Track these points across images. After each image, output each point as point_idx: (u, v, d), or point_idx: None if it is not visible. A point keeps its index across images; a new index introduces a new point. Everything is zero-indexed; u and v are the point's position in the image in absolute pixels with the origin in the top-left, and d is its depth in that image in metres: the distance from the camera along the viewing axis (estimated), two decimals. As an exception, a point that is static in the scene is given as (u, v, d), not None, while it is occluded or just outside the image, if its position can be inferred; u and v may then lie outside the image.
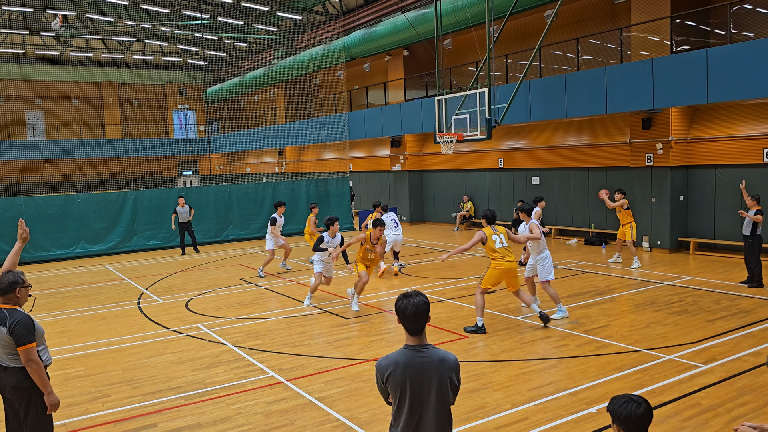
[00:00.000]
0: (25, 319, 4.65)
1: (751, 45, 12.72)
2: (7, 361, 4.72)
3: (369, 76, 29.20)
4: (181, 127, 47.60)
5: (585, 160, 18.48)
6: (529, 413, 6.22)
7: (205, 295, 12.71)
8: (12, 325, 4.59)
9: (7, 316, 4.64)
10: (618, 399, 3.21)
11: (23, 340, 4.59)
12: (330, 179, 23.76)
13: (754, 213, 11.23)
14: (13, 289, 4.72)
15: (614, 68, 15.35)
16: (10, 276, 4.74)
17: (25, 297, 4.81)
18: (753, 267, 11.54)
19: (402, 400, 3.43)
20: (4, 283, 4.70)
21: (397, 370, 3.40)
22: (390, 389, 3.46)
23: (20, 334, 4.58)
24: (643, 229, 16.42)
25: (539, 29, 17.91)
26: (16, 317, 4.64)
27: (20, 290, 4.76)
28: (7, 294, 4.71)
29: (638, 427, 3.13)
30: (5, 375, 4.74)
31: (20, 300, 4.77)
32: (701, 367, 7.38)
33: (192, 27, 36.32)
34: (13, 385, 4.72)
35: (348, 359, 8.13)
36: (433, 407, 3.43)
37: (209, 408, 6.64)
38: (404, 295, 3.49)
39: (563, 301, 10.84)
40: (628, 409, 3.13)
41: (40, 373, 4.68)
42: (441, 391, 3.44)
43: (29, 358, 4.63)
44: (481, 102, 15.41)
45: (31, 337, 4.63)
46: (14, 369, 4.71)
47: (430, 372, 3.41)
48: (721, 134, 15.24)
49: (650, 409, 3.16)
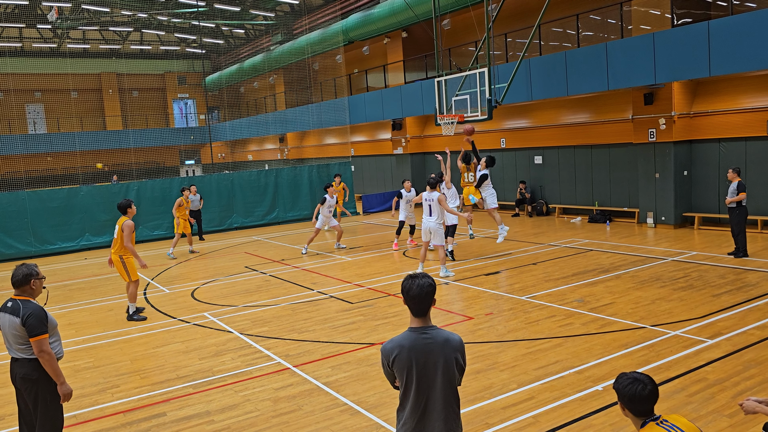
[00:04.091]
0: (38, 311, 4.73)
1: (753, 16, 12.55)
2: (18, 352, 4.80)
3: (368, 60, 29.01)
4: (181, 117, 47.50)
5: (587, 137, 18.38)
6: (536, 392, 6.24)
7: (210, 283, 12.76)
8: (25, 316, 4.67)
9: (21, 307, 4.73)
10: (624, 378, 3.19)
11: (35, 331, 4.67)
12: (332, 164, 23.71)
13: (737, 186, 11.57)
14: (27, 281, 4.81)
15: (615, 44, 15.20)
16: (24, 268, 4.84)
17: (39, 289, 4.89)
18: (738, 237, 11.83)
19: (408, 382, 3.43)
20: (18, 276, 4.80)
21: (402, 353, 3.40)
22: (396, 372, 3.46)
23: (33, 325, 4.66)
24: (647, 205, 16.38)
25: (538, 6, 17.69)
26: (30, 308, 4.72)
27: (34, 282, 4.85)
28: (21, 286, 4.81)
29: (643, 407, 3.12)
30: (16, 365, 4.83)
31: (34, 292, 4.87)
32: (707, 342, 7.39)
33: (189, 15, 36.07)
34: (22, 376, 4.79)
35: (354, 344, 8.16)
36: (439, 388, 3.43)
37: (217, 396, 6.69)
38: (410, 276, 3.48)
39: (569, 280, 10.85)
40: (633, 390, 3.12)
41: (52, 364, 4.75)
42: (447, 372, 3.44)
43: (41, 349, 4.70)
44: (482, 82, 15.29)
45: (44, 329, 4.71)
46: (24, 360, 4.78)
47: (436, 353, 3.41)
48: (724, 107, 15.11)
49: (656, 389, 3.15)
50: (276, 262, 14.63)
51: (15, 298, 4.82)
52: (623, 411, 3.21)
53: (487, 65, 15.08)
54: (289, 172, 22.72)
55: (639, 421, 3.16)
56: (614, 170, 17.79)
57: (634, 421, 3.19)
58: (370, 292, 10.98)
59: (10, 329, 4.77)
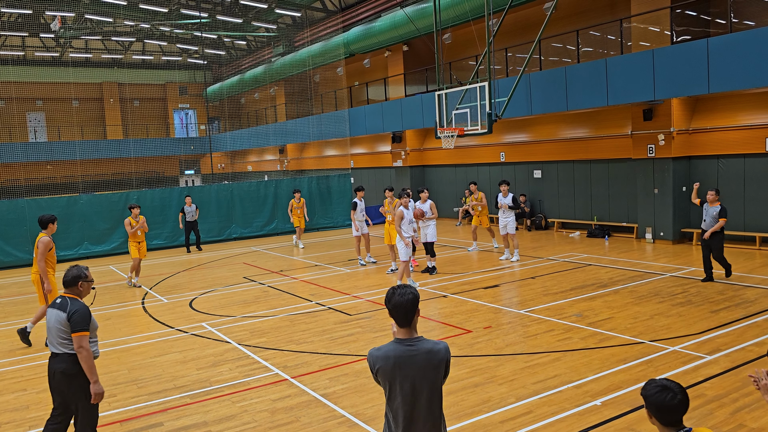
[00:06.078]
0: (83, 310, 5.10)
1: (752, 34, 12.66)
2: (59, 347, 5.10)
3: (369, 72, 29.15)
4: (182, 127, 47.60)
5: (587, 152, 18.45)
6: (534, 406, 6.23)
7: (209, 293, 12.74)
8: (71, 312, 5.04)
9: (69, 303, 5.11)
10: (652, 385, 3.00)
11: (78, 327, 5.02)
12: (332, 176, 23.76)
13: (719, 211, 10.83)
14: (75, 283, 5.21)
15: (615, 60, 15.30)
16: (75, 270, 5.24)
17: (87, 290, 5.29)
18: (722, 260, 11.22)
19: (393, 392, 3.52)
20: (68, 276, 5.21)
21: (387, 365, 3.48)
22: (381, 382, 3.56)
23: (77, 321, 5.02)
24: (646, 221, 16.41)
25: (539, 22, 17.86)
26: (77, 306, 5.10)
27: (82, 284, 5.24)
28: (70, 286, 5.21)
29: (671, 417, 2.94)
30: (55, 361, 5.11)
31: (82, 293, 5.25)
32: (705, 357, 7.38)
33: (191, 26, 36.28)
34: (62, 371, 5.06)
35: (352, 355, 8.14)
36: (424, 398, 3.52)
37: (215, 406, 6.67)
38: (393, 288, 3.59)
39: (568, 294, 10.87)
40: (661, 398, 2.93)
41: (89, 361, 5.05)
42: (431, 381, 3.52)
43: (80, 345, 5.03)
44: (482, 96, 15.38)
45: (86, 326, 5.06)
46: (64, 355, 5.07)
47: (420, 364, 3.49)
48: (722, 124, 15.19)
49: (686, 398, 2.95)
50: (275, 273, 14.61)
51: (64, 295, 5.22)
52: (650, 419, 3.04)
53: (488, 79, 15.18)
54: (288, 184, 22.75)
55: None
56: (613, 185, 17.84)
57: (661, 430, 3.02)
58: (368, 304, 10.97)
59: (55, 323, 5.09)
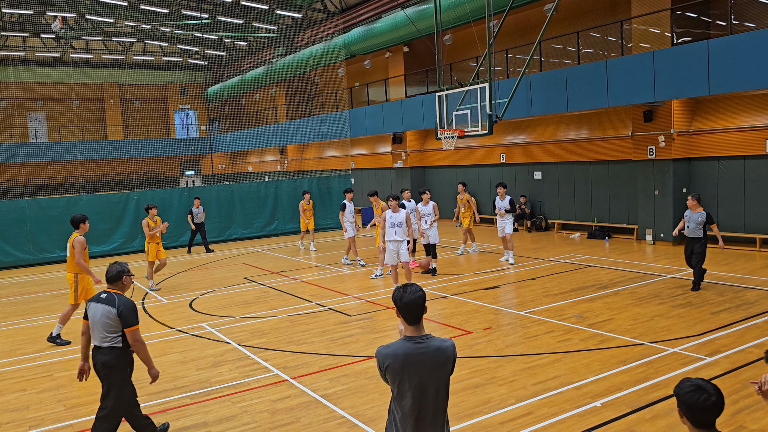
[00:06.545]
0: (131, 304, 5.40)
1: (752, 36, 12.67)
2: (102, 341, 5.39)
3: (369, 73, 29.17)
4: (182, 127, 47.64)
5: (587, 153, 18.46)
6: (534, 408, 6.23)
7: (209, 294, 12.74)
8: (120, 308, 5.33)
9: (116, 298, 5.40)
10: (686, 384, 2.93)
11: (130, 323, 5.33)
12: (332, 177, 23.76)
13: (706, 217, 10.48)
14: (120, 278, 5.52)
15: (615, 61, 15.31)
16: (117, 266, 5.55)
17: (129, 284, 5.60)
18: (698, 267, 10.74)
19: (401, 389, 3.55)
20: (112, 272, 5.51)
21: (396, 362, 3.51)
22: (389, 379, 3.58)
23: (127, 317, 5.33)
24: (646, 222, 16.41)
25: (539, 23, 17.88)
26: (124, 301, 5.40)
27: (126, 278, 5.55)
28: (115, 281, 5.51)
29: (703, 418, 2.87)
30: (98, 353, 5.42)
31: (125, 287, 5.57)
32: (706, 359, 7.38)
33: (192, 27, 36.31)
34: (102, 362, 5.38)
35: (352, 356, 8.14)
36: (432, 396, 3.56)
37: (215, 407, 6.67)
38: (400, 287, 3.64)
39: (568, 295, 10.87)
40: (694, 398, 2.86)
41: (145, 351, 5.44)
42: (439, 379, 3.57)
43: (135, 339, 5.37)
44: (482, 97, 15.38)
45: (136, 320, 5.38)
46: (106, 348, 5.38)
47: (428, 362, 3.53)
48: (723, 126, 15.20)
49: (721, 401, 2.87)
50: (275, 274, 14.62)
51: (109, 290, 5.49)
52: (681, 418, 2.97)
53: (488, 80, 15.18)
54: (289, 184, 22.76)
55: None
56: (613, 187, 17.84)
57: (691, 431, 2.96)
58: (368, 305, 10.97)
59: (102, 317, 5.34)
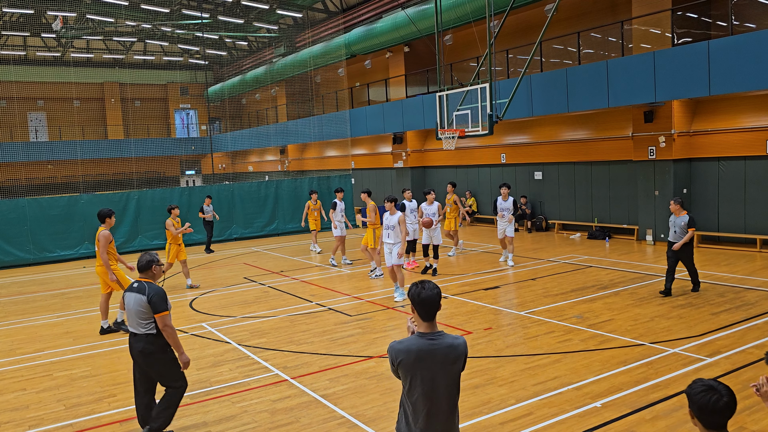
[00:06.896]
0: (161, 291, 5.63)
1: (752, 36, 12.66)
2: (138, 328, 5.63)
3: (370, 73, 29.16)
4: (183, 127, 47.63)
5: (587, 154, 18.45)
6: (534, 408, 6.23)
7: (209, 294, 12.74)
8: (150, 295, 5.55)
9: (146, 287, 5.63)
10: (698, 384, 2.88)
11: (159, 308, 5.55)
12: (332, 176, 23.76)
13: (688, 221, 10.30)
14: (149, 267, 5.76)
15: (615, 62, 15.30)
16: (147, 256, 5.78)
17: (159, 273, 5.82)
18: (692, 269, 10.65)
19: (413, 384, 3.57)
20: (143, 262, 5.76)
21: (409, 357, 3.54)
22: (401, 374, 3.60)
23: (157, 303, 5.54)
24: (647, 222, 16.41)
25: (540, 23, 17.88)
26: (154, 289, 5.62)
27: (155, 267, 5.78)
28: (145, 270, 5.75)
29: (715, 419, 2.82)
30: (135, 340, 5.66)
31: (156, 276, 5.80)
32: (706, 360, 7.38)
33: (192, 26, 36.31)
34: (140, 350, 5.62)
35: (352, 356, 8.14)
36: (443, 392, 3.59)
37: (215, 407, 6.67)
38: (417, 283, 3.65)
39: (568, 296, 10.86)
40: (705, 399, 2.81)
41: (174, 337, 5.64)
42: (451, 376, 3.60)
43: (165, 324, 5.59)
44: (483, 97, 15.38)
45: (166, 306, 5.59)
46: (143, 335, 5.62)
47: (440, 358, 3.56)
48: (723, 126, 15.19)
49: (733, 402, 2.82)
50: (275, 274, 14.61)
51: (140, 280, 5.74)
52: (692, 419, 2.92)
53: (489, 81, 15.18)
54: (289, 184, 22.76)
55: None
56: (614, 187, 17.84)
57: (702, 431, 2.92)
58: (368, 305, 10.97)
59: (135, 306, 5.59)
